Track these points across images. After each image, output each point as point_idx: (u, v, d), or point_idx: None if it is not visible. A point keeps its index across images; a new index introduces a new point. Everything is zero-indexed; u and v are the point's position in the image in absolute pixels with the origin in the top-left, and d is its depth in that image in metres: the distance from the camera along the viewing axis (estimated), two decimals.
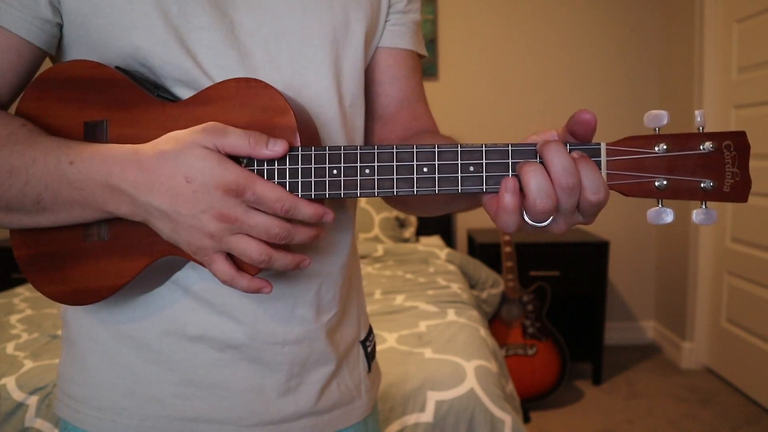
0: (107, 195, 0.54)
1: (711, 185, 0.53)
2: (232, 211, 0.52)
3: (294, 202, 0.53)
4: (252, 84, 0.57)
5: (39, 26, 0.60)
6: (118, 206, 0.55)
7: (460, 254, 2.70)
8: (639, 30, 3.30)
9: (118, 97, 0.59)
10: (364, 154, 0.56)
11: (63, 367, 0.72)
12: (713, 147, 0.53)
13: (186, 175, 0.52)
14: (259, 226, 0.53)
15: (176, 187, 0.52)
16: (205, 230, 0.53)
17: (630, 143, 0.54)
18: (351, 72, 0.70)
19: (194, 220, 0.53)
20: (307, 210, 0.54)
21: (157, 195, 0.53)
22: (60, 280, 0.61)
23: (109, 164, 0.54)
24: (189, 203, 0.52)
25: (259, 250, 0.54)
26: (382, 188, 0.56)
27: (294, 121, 0.56)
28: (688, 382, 2.91)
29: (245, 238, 0.54)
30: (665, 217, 0.54)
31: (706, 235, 2.96)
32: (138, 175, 0.53)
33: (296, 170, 0.56)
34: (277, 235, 0.53)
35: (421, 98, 0.80)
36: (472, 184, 0.55)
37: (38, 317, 1.90)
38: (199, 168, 0.52)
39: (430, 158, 0.55)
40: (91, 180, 0.54)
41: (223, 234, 0.53)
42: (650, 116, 0.53)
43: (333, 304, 0.72)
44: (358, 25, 0.69)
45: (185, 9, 0.61)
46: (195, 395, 0.67)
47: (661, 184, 0.54)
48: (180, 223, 0.54)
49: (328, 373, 0.72)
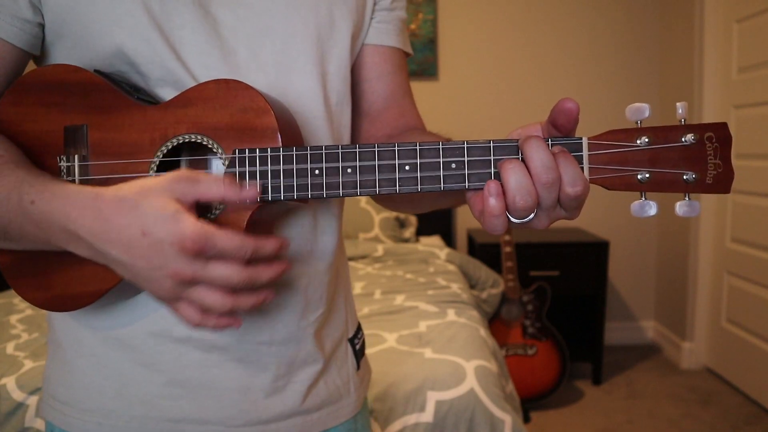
0: (66, 238, 0.54)
1: (693, 177, 0.53)
2: (188, 269, 0.50)
3: (255, 245, 0.51)
4: (232, 85, 0.57)
5: (20, 27, 0.60)
6: (77, 249, 0.54)
7: (460, 254, 2.70)
8: (639, 30, 3.30)
9: (97, 101, 0.59)
10: (346, 153, 0.55)
11: (49, 369, 0.72)
12: (695, 139, 0.53)
13: (142, 228, 0.50)
14: (221, 279, 0.51)
15: (132, 240, 0.51)
16: (162, 287, 0.52)
17: (612, 137, 0.54)
18: (336, 70, 0.69)
19: (151, 273, 0.51)
20: (269, 247, 0.53)
21: (113, 245, 0.51)
22: (42, 286, 0.60)
23: (68, 208, 0.53)
24: (144, 258, 0.51)
25: (221, 301, 0.52)
26: (364, 188, 0.55)
27: (275, 121, 0.56)
28: (688, 382, 2.91)
29: (205, 290, 0.52)
30: (648, 210, 0.54)
31: (706, 235, 2.96)
32: (94, 223, 0.52)
33: (278, 171, 0.55)
34: (239, 284, 0.51)
35: (407, 95, 0.80)
36: (454, 182, 0.55)
37: (38, 317, 1.90)
38: (154, 222, 0.50)
39: (411, 156, 0.55)
40: (50, 222, 0.54)
41: (180, 290, 0.52)
42: (632, 109, 0.53)
43: (320, 304, 0.72)
44: (343, 22, 0.69)
45: (168, 7, 0.60)
46: (182, 396, 0.66)
47: (643, 177, 0.54)
48: (138, 275, 0.53)
49: (315, 372, 0.72)
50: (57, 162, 0.60)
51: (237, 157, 0.56)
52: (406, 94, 0.79)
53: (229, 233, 0.50)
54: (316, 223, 0.71)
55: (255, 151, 0.56)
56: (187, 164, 0.63)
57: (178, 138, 0.58)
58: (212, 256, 0.50)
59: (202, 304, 0.52)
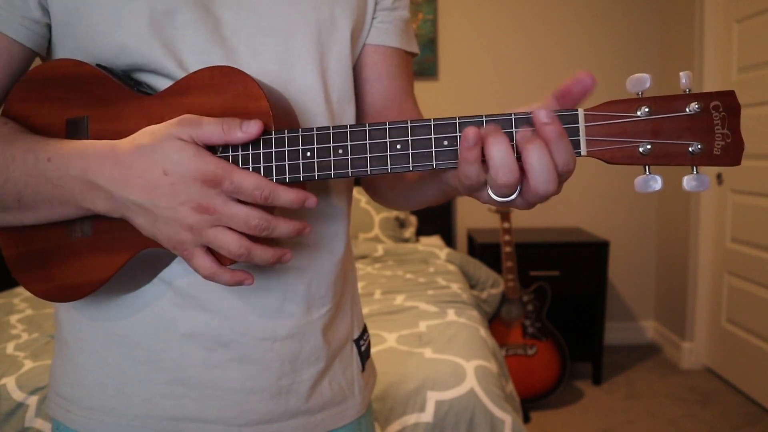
0: (85, 191, 0.55)
1: (699, 148, 0.50)
2: (211, 201, 0.52)
3: (273, 188, 0.53)
4: (226, 71, 0.57)
5: (28, 27, 0.61)
6: (95, 202, 0.55)
7: (460, 254, 2.70)
8: (639, 30, 3.30)
9: (98, 94, 0.60)
10: (337, 134, 0.55)
11: (55, 367, 0.72)
12: (700, 108, 0.50)
13: (164, 168, 0.52)
14: (239, 217, 0.52)
15: (154, 180, 0.52)
16: (184, 222, 0.53)
17: (610, 107, 0.51)
18: (337, 68, 0.70)
19: (173, 212, 0.53)
20: (287, 195, 0.53)
21: (135, 189, 0.53)
22: (46, 277, 0.61)
23: (87, 160, 0.54)
24: (167, 196, 0.52)
25: (238, 242, 0.53)
26: (355, 168, 0.55)
27: (267, 105, 0.56)
28: (688, 382, 2.91)
29: (224, 230, 0.53)
30: (653, 184, 0.51)
31: (706, 235, 2.96)
32: (114, 170, 0.53)
33: (270, 154, 0.56)
34: (257, 227, 0.53)
35: (409, 96, 0.79)
36: (446, 159, 0.54)
37: (38, 317, 1.90)
38: (176, 160, 0.52)
39: (403, 134, 0.54)
40: (69, 176, 0.54)
41: (203, 226, 0.53)
42: (633, 80, 0.51)
43: (325, 301, 0.72)
44: (344, 21, 0.69)
45: (170, 6, 0.61)
46: (184, 395, 0.67)
47: (645, 149, 0.51)
48: (159, 217, 0.53)
49: (318, 371, 0.71)
50: None
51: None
52: (407, 96, 0.79)
53: (248, 173, 0.52)
54: (322, 218, 0.71)
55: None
56: None
57: None
58: (231, 192, 0.52)
59: (220, 245, 0.53)
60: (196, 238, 0.54)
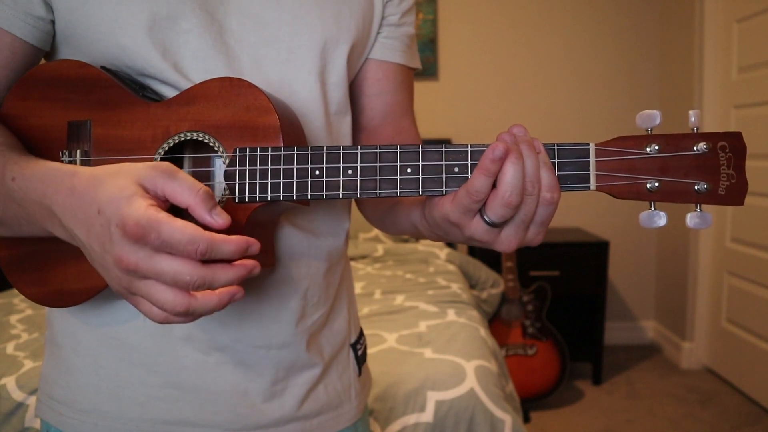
0: (44, 215, 0.52)
1: (705, 187, 0.52)
2: (132, 256, 0.45)
3: (210, 241, 0.45)
4: (235, 83, 0.56)
5: (32, 24, 0.60)
6: (54, 228, 0.52)
7: (460, 254, 2.70)
8: (639, 30, 3.30)
9: (102, 97, 0.59)
10: (347, 154, 0.55)
11: (46, 369, 0.71)
12: (707, 148, 0.51)
13: (99, 207, 0.46)
14: (166, 275, 0.45)
15: (90, 219, 0.47)
16: (111, 273, 0.47)
17: (620, 143, 0.52)
18: (337, 81, 0.69)
19: (102, 259, 0.47)
20: (228, 247, 0.46)
21: (77, 223, 0.48)
22: (41, 281, 0.60)
23: (45, 185, 0.51)
24: (98, 239, 0.47)
25: (173, 299, 0.45)
26: (365, 189, 0.54)
27: (277, 120, 0.55)
28: (688, 382, 2.91)
29: (156, 284, 0.46)
30: (658, 220, 0.53)
31: (706, 235, 2.96)
32: (67, 199, 0.49)
33: (278, 171, 0.55)
34: (190, 284, 0.45)
35: (408, 113, 0.79)
36: (456, 186, 0.54)
37: (38, 317, 1.90)
38: (109, 201, 0.46)
39: (414, 159, 0.54)
40: (29, 199, 0.52)
41: (130, 280, 0.46)
42: (642, 116, 0.52)
43: (320, 307, 0.71)
44: (347, 35, 0.69)
45: (175, 11, 0.60)
46: (179, 398, 0.66)
47: (653, 185, 0.52)
48: (94, 260, 0.49)
49: (314, 377, 0.71)
50: (60, 157, 0.60)
51: (238, 156, 0.56)
52: (406, 113, 0.78)
53: (182, 224, 0.44)
54: (320, 224, 0.70)
55: (256, 150, 0.55)
56: (189, 162, 0.63)
57: (180, 135, 0.58)
58: (159, 248, 0.45)
59: (155, 302, 0.46)
60: (128, 290, 0.48)
